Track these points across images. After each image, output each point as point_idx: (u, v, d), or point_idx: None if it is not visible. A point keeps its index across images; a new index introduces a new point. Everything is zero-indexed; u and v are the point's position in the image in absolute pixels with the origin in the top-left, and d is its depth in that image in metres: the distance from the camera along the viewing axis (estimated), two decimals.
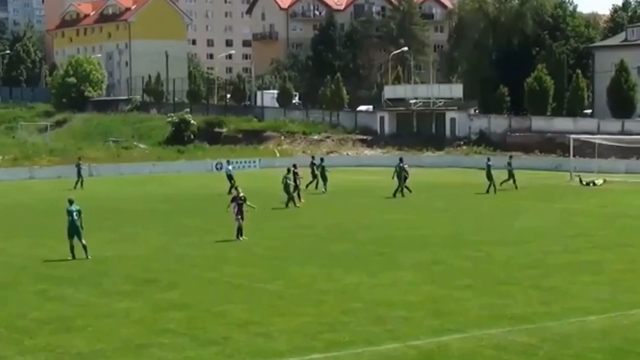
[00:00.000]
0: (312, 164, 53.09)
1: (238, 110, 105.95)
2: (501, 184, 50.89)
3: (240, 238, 31.90)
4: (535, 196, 49.17)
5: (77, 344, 17.98)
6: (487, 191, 49.69)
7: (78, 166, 58.89)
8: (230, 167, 54.52)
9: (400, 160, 50.55)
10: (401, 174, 48.69)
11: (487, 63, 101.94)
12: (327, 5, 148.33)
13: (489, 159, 53.70)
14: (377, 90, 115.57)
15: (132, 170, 70.91)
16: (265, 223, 37.86)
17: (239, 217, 31.93)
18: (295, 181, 45.29)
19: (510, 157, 56.99)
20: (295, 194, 44.77)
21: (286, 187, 43.76)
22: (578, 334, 18.09)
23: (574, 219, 38.47)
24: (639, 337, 17.87)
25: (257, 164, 77.79)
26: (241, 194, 32.31)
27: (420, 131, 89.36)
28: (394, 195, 47.85)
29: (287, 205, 43.30)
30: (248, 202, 32.59)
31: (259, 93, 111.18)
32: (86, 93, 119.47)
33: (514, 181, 51.83)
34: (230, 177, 52.56)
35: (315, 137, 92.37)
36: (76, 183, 57.02)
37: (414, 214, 40.81)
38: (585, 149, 67.24)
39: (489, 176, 50.18)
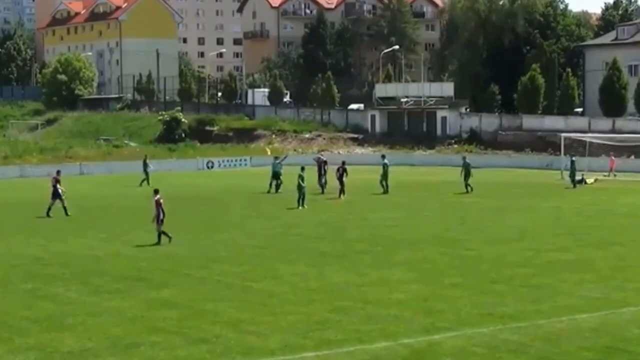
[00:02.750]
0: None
1: (229, 109, 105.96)
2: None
3: (165, 241, 30.94)
4: (525, 194, 49.24)
5: (67, 342, 17.92)
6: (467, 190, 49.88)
7: (145, 163, 59.40)
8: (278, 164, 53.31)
9: (383, 157, 51.84)
10: (386, 172, 49.39)
11: (478, 61, 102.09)
12: (318, 3, 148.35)
13: (464, 157, 54.02)
14: (368, 89, 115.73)
15: (122, 169, 70.85)
16: (255, 221, 37.85)
17: (159, 221, 30.92)
18: (341, 176, 46.82)
19: (573, 155, 57.09)
20: (338, 189, 46.48)
21: (300, 185, 42.69)
22: (569, 333, 18.10)
23: (565, 217, 38.52)
24: (629, 336, 17.89)
25: (248, 163, 77.77)
26: (159, 197, 31.10)
27: (411, 130, 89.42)
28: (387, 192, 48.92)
29: (299, 204, 42.47)
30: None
31: (249, 91, 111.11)
32: (77, 91, 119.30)
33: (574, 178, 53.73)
34: (277, 175, 51.39)
35: (307, 136, 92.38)
36: (142, 180, 57.82)
37: (403, 213, 40.82)
38: (577, 148, 67.42)
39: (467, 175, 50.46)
